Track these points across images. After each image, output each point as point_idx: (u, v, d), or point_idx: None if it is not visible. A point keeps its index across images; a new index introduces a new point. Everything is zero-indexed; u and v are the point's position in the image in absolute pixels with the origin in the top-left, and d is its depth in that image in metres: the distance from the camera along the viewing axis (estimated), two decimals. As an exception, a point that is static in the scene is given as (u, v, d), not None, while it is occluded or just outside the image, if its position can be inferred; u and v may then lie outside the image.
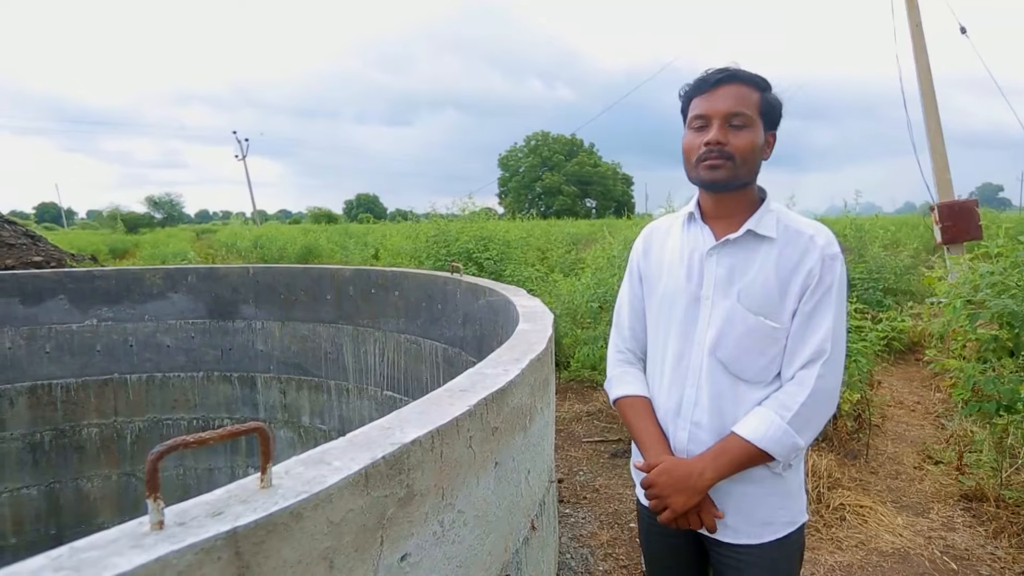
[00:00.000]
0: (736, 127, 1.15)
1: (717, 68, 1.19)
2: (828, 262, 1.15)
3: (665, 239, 1.35)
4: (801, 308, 1.16)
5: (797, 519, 1.24)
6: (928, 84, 7.86)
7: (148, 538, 0.69)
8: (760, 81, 1.19)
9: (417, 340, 3.89)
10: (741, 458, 1.15)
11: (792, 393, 1.15)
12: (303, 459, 0.91)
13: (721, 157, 1.15)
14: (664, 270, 1.30)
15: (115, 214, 33.40)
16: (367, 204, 73.95)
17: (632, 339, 1.39)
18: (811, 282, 1.15)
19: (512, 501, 1.37)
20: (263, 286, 4.46)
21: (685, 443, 1.23)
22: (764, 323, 1.17)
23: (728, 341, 1.19)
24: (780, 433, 1.12)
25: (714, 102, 1.17)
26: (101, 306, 4.34)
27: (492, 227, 7.06)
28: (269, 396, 4.55)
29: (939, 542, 2.74)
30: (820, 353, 1.14)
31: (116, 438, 4.49)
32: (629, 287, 1.41)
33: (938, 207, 7.42)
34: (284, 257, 11.37)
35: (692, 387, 1.23)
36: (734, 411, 1.19)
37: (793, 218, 1.22)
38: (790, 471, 1.21)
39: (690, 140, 1.21)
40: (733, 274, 1.20)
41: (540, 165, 56.10)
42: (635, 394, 1.33)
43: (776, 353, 1.18)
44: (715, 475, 1.15)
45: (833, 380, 1.15)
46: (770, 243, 1.18)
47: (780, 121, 1.23)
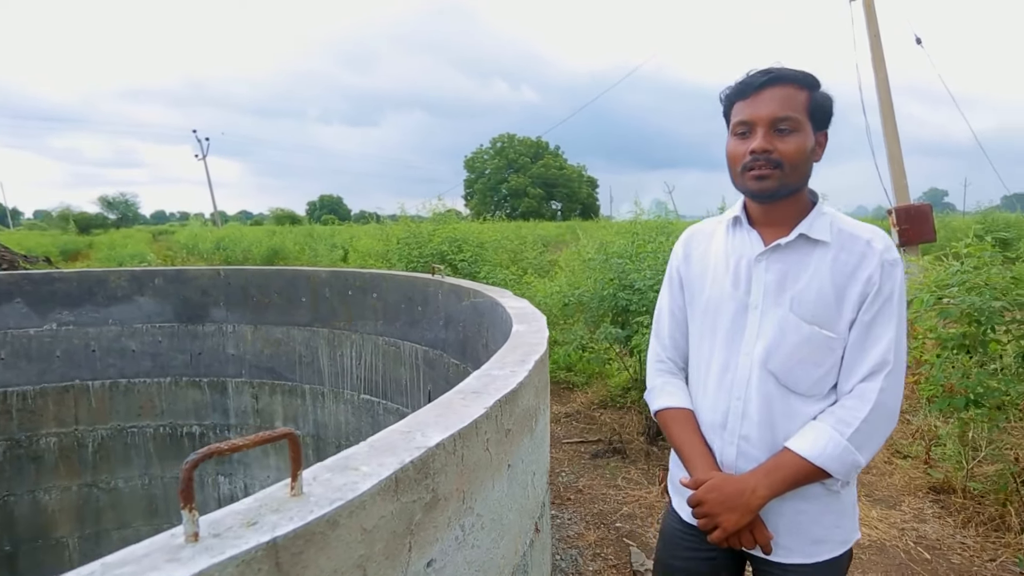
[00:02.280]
0: (783, 132, 1.09)
1: (760, 70, 1.12)
2: (888, 268, 1.09)
3: (708, 244, 1.29)
4: (860, 318, 1.09)
5: (851, 537, 1.19)
6: (885, 92, 8.16)
7: (184, 551, 0.65)
8: (807, 79, 1.11)
9: (396, 343, 3.84)
10: (796, 475, 1.09)
11: (852, 408, 1.09)
12: (328, 465, 0.87)
13: (769, 165, 1.09)
14: (708, 276, 1.25)
15: (66, 214, 32.05)
16: (331, 205, 72.89)
17: (673, 348, 1.34)
18: (870, 290, 1.09)
19: (521, 503, 1.36)
20: (234, 288, 4.34)
21: (734, 458, 1.18)
22: (819, 332, 1.10)
23: (780, 352, 1.13)
24: (840, 450, 1.07)
25: (758, 107, 1.10)
26: (61, 310, 4.16)
27: (465, 229, 7.03)
28: (241, 401, 4.42)
29: (912, 533, 2.84)
30: (882, 365, 1.08)
31: (77, 447, 4.30)
32: (669, 294, 1.35)
33: (895, 210, 7.70)
34: (249, 259, 11.09)
35: (739, 399, 1.17)
36: (786, 425, 1.14)
37: (848, 222, 1.16)
38: (846, 488, 1.17)
39: (734, 147, 1.14)
40: (785, 281, 1.14)
41: (506, 167, 56.21)
42: (678, 406, 1.28)
43: (832, 364, 1.12)
44: (768, 492, 1.10)
45: (896, 394, 1.09)
46: (824, 247, 1.12)
47: (831, 119, 1.16)
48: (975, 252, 2.88)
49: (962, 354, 2.97)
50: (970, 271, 2.82)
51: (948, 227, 12.33)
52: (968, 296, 2.70)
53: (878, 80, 8.13)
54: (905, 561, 2.62)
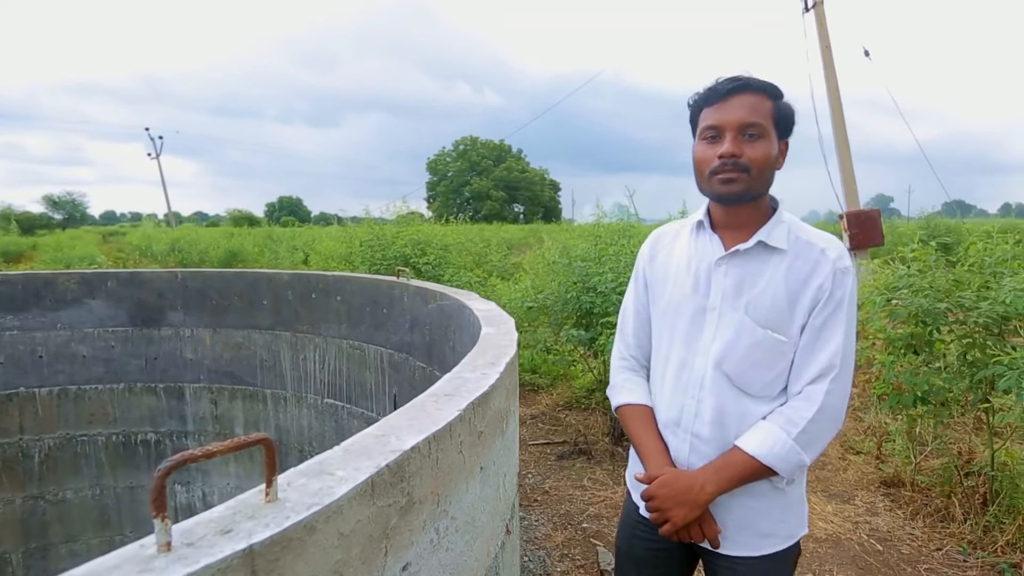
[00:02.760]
0: (751, 137, 1.12)
1: (728, 77, 1.16)
2: (840, 276, 1.13)
3: (672, 246, 1.32)
4: (811, 322, 1.13)
5: (797, 532, 1.24)
6: (837, 101, 8.47)
7: (157, 561, 0.63)
8: (772, 89, 1.15)
9: (361, 346, 3.80)
10: (744, 473, 1.13)
11: (799, 408, 1.13)
12: (302, 470, 0.86)
13: (736, 169, 1.12)
14: (670, 278, 1.28)
15: (7, 214, 30.53)
16: (290, 207, 71.45)
17: (636, 346, 1.37)
18: (822, 296, 1.12)
19: (493, 505, 1.36)
20: (192, 291, 4.22)
21: (687, 455, 1.22)
22: (772, 336, 1.14)
23: (735, 354, 1.17)
24: (786, 450, 1.11)
25: (727, 112, 1.13)
26: (4, 314, 3.97)
27: (429, 231, 6.99)
28: (199, 407, 4.30)
29: (865, 526, 2.95)
30: (829, 369, 1.12)
31: (21, 458, 4.10)
32: (634, 293, 1.38)
33: (846, 215, 8.00)
34: (206, 261, 10.78)
35: (693, 398, 1.21)
36: (737, 424, 1.18)
37: (805, 230, 1.20)
38: (792, 485, 1.21)
39: (702, 152, 1.17)
40: (742, 285, 1.17)
41: (469, 170, 56.13)
42: (637, 403, 1.31)
43: (783, 368, 1.16)
44: (717, 489, 1.14)
45: (841, 396, 1.13)
46: (781, 255, 1.16)
47: (793, 128, 1.20)
48: (920, 256, 3.02)
49: (909, 354, 3.10)
50: (916, 274, 2.96)
51: (894, 231, 12.87)
52: (915, 299, 2.82)
53: (829, 90, 8.43)
54: (859, 553, 2.72)
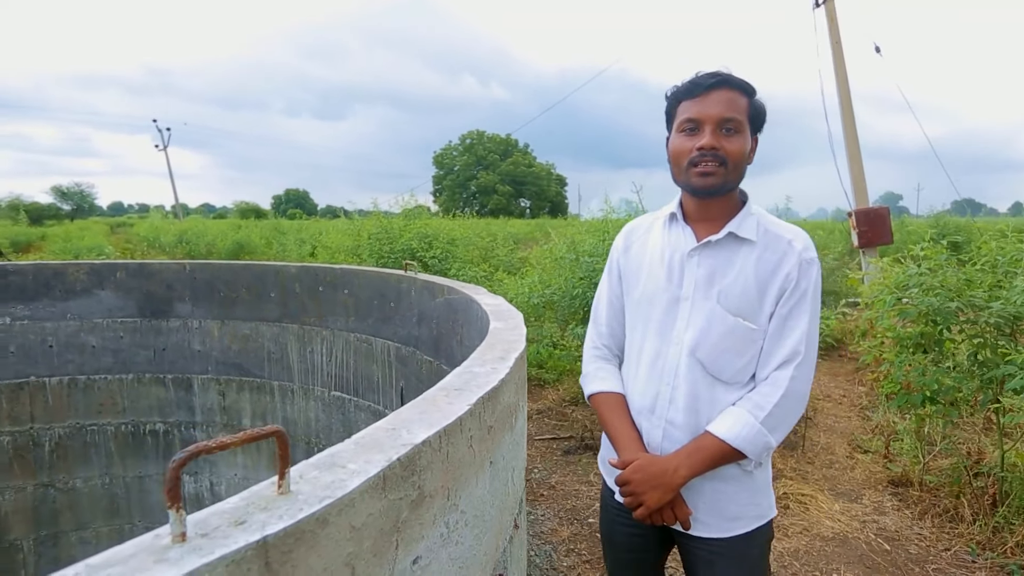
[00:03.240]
0: (729, 132, 1.17)
1: (709, 72, 1.19)
2: (805, 266, 1.18)
3: (646, 237, 1.36)
4: (778, 311, 1.19)
5: (766, 514, 1.28)
6: (847, 98, 8.40)
7: (172, 551, 0.63)
8: (749, 87, 1.20)
9: (368, 339, 3.80)
10: (715, 456, 1.17)
11: (766, 394, 1.18)
12: (314, 463, 0.86)
13: (715, 162, 1.16)
14: (644, 269, 1.32)
15: (16, 204, 30.74)
16: (297, 199, 71.62)
17: (609, 336, 1.41)
18: (788, 285, 1.18)
19: (502, 500, 1.36)
20: (201, 283, 4.24)
21: (659, 440, 1.25)
22: (742, 324, 1.19)
23: (707, 341, 1.21)
24: (753, 433, 1.15)
25: (707, 106, 1.17)
26: (15, 304, 4.00)
27: (436, 225, 6.99)
28: (207, 398, 4.32)
29: (872, 525, 2.94)
30: (794, 355, 1.17)
31: (32, 446, 4.14)
32: (608, 284, 1.42)
33: (855, 213, 7.94)
34: (213, 253, 10.82)
35: (668, 386, 1.25)
36: (709, 411, 1.22)
37: (773, 222, 1.25)
38: (759, 469, 1.25)
39: (680, 144, 1.20)
40: (714, 275, 1.22)
41: (475, 164, 56.09)
42: (610, 390, 1.35)
43: (753, 354, 1.21)
44: (689, 472, 1.18)
45: (805, 382, 1.19)
46: (750, 246, 1.21)
47: (763, 125, 1.24)
48: (931, 255, 2.99)
49: (919, 353, 3.08)
50: (926, 273, 2.93)
51: (903, 229, 12.76)
52: (926, 298, 2.80)
53: (839, 86, 8.36)
54: (866, 552, 2.71)
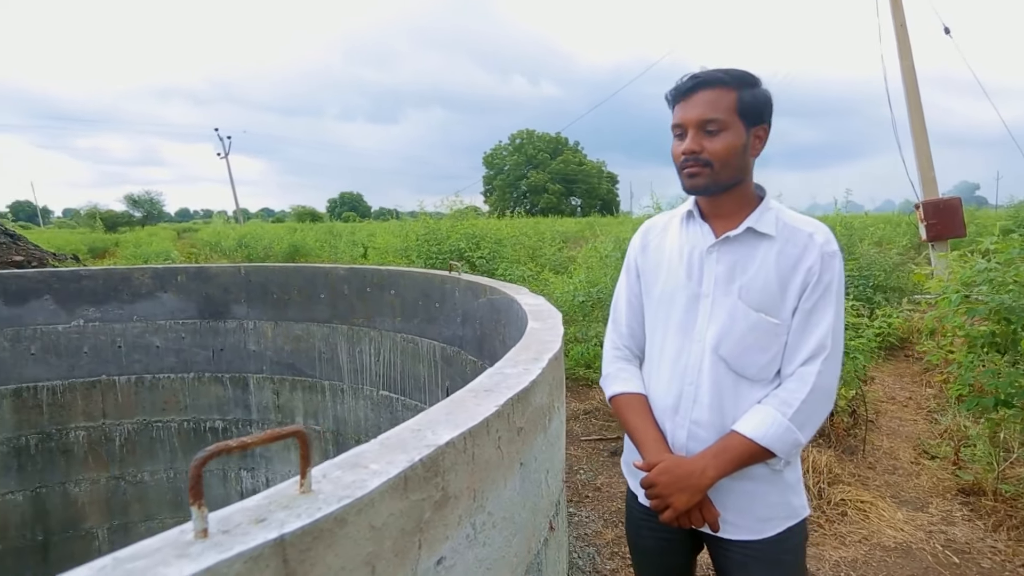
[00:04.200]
0: (711, 133, 1.15)
1: (689, 75, 1.19)
2: (827, 259, 1.16)
3: (663, 236, 1.35)
4: (801, 305, 1.17)
5: (798, 513, 1.25)
6: (912, 83, 7.97)
7: (194, 547, 0.65)
8: (732, 80, 1.16)
9: (414, 339, 3.86)
10: (743, 456, 1.15)
11: (793, 390, 1.16)
12: (338, 463, 0.88)
13: (698, 164, 1.16)
14: (663, 267, 1.31)
15: (94, 212, 32.79)
16: (351, 202, 73.52)
17: (629, 336, 1.40)
18: (811, 279, 1.16)
19: (534, 502, 1.35)
20: (255, 285, 4.40)
21: (684, 441, 1.23)
22: (765, 319, 1.18)
23: (730, 338, 1.20)
24: (782, 430, 1.13)
25: (687, 110, 1.17)
26: (88, 306, 4.25)
27: (483, 225, 7.03)
28: (262, 397, 4.48)
29: (940, 536, 2.77)
30: (820, 349, 1.15)
31: (104, 441, 4.39)
32: (627, 283, 1.41)
33: (923, 205, 7.53)
34: (270, 256, 11.24)
35: (691, 384, 1.23)
36: (734, 409, 1.20)
37: (792, 216, 1.23)
38: (788, 467, 1.23)
39: (674, 148, 1.22)
40: (734, 271, 1.21)
41: (525, 163, 56.15)
42: (632, 391, 1.33)
43: (777, 350, 1.19)
44: (716, 473, 1.15)
45: (832, 376, 1.17)
46: (770, 241, 1.19)
47: (769, 112, 1.21)
48: (1002, 248, 2.80)
49: (992, 352, 2.89)
50: (997, 268, 2.74)
51: (979, 221, 12.00)
52: (997, 295, 2.62)
53: (904, 71, 7.94)
54: (932, 564, 2.56)
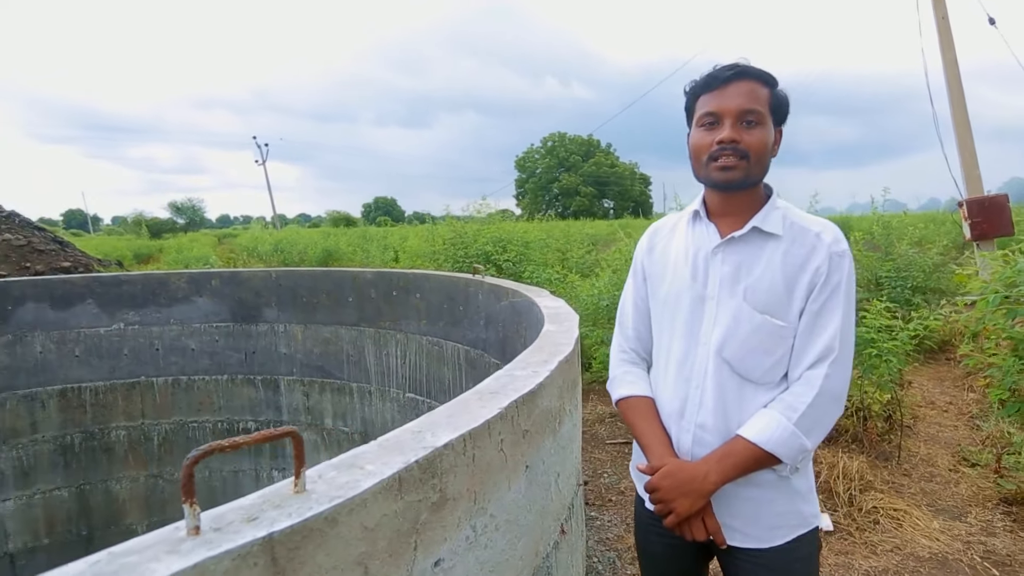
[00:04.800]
0: (749, 124, 1.14)
1: (727, 64, 1.17)
2: (836, 259, 1.13)
3: (670, 237, 1.33)
4: (808, 307, 1.14)
5: (808, 522, 1.22)
6: (955, 77, 7.68)
7: (185, 544, 0.68)
8: (769, 77, 1.17)
9: (439, 342, 3.89)
10: (747, 461, 1.13)
11: (799, 394, 1.13)
12: (335, 463, 0.89)
13: (735, 155, 1.13)
14: (669, 269, 1.29)
15: (139, 220, 34.04)
16: (385, 207, 74.49)
17: (636, 339, 1.38)
18: (818, 280, 1.13)
19: (542, 505, 1.35)
20: (285, 289, 4.50)
21: (689, 445, 1.21)
22: (770, 322, 1.15)
23: (734, 340, 1.17)
24: (787, 435, 1.10)
25: (726, 99, 1.14)
26: (128, 310, 4.41)
27: (510, 228, 7.05)
28: (292, 399, 4.58)
29: (979, 547, 2.66)
30: (828, 352, 1.12)
31: (143, 440, 4.55)
32: (633, 286, 1.40)
33: (967, 203, 7.25)
34: (305, 260, 11.48)
35: (696, 388, 1.21)
36: (739, 413, 1.18)
37: (799, 215, 1.21)
38: (797, 474, 1.19)
39: (700, 138, 1.18)
40: (739, 272, 1.18)
41: (557, 166, 56.05)
42: (638, 394, 1.32)
43: (783, 353, 1.16)
44: (720, 478, 1.13)
45: (840, 380, 1.13)
46: (776, 240, 1.17)
47: (788, 117, 1.21)
48: (1047, 246, 2.68)
49: (1037, 355, 2.76)
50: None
51: (1027, 220, 11.47)
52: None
53: (946, 64, 7.66)
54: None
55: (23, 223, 6.68)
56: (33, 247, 6.28)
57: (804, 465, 1.21)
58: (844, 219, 17.85)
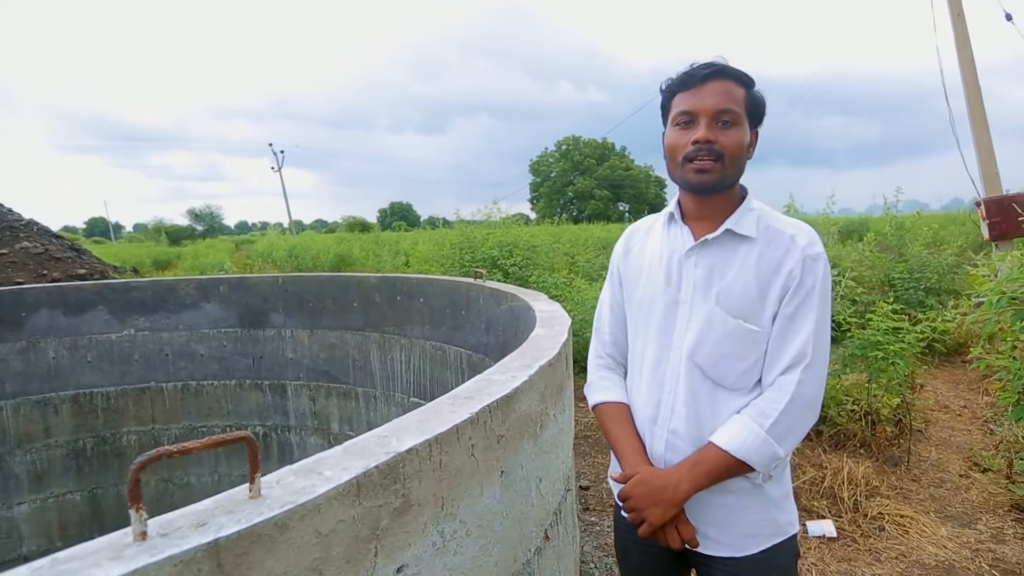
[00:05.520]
0: (725, 124, 1.12)
1: (703, 63, 1.15)
2: (809, 263, 1.11)
3: (645, 240, 1.32)
4: (782, 311, 1.12)
5: (784, 530, 1.19)
6: (971, 75, 7.55)
7: (129, 549, 0.68)
8: (746, 77, 1.15)
9: (442, 347, 3.89)
10: (719, 468, 1.11)
11: (771, 400, 1.11)
12: (295, 468, 0.90)
13: (710, 156, 1.11)
14: (643, 272, 1.28)
15: (159, 227, 34.63)
16: (401, 212, 74.86)
17: (612, 344, 1.36)
18: (791, 284, 1.11)
19: (521, 511, 1.34)
20: (292, 295, 4.54)
21: (662, 452, 1.20)
22: (743, 326, 1.13)
23: (706, 345, 1.16)
24: (758, 442, 1.08)
25: (702, 98, 1.12)
26: (138, 316, 4.47)
27: (517, 233, 7.04)
28: (299, 403, 4.61)
29: (987, 555, 2.60)
30: (801, 358, 1.10)
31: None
32: (610, 290, 1.38)
33: (984, 202, 7.10)
34: (318, 266, 11.58)
35: (669, 394, 1.20)
36: (712, 419, 1.16)
37: (775, 217, 1.19)
38: (771, 482, 1.17)
39: (675, 137, 1.16)
40: (712, 275, 1.16)
41: (571, 170, 55.95)
42: (612, 400, 1.30)
43: (756, 358, 1.14)
44: (691, 486, 1.11)
45: (814, 386, 1.11)
46: (750, 243, 1.15)
47: (764, 119, 1.19)
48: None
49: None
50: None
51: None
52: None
53: (962, 62, 7.54)
54: (977, 584, 2.41)
55: (41, 231, 6.81)
56: (50, 255, 6.40)
57: (779, 473, 1.19)
58: (863, 220, 17.60)
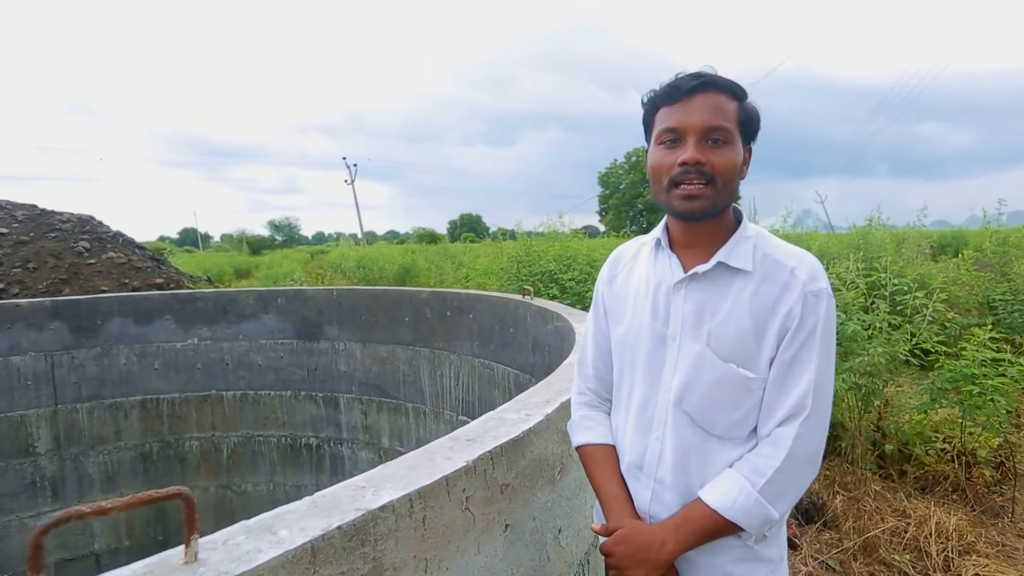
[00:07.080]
0: (716, 143, 0.99)
1: (690, 73, 1.02)
2: (811, 300, 0.98)
3: (632, 266, 1.19)
4: (780, 356, 1.00)
5: None
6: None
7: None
8: (738, 89, 1.02)
9: (490, 364, 3.79)
10: (706, 528, 1.00)
11: (766, 456, 1.00)
12: (251, 525, 0.80)
13: (700, 180, 0.98)
14: (629, 303, 1.15)
15: (242, 237, 36.66)
16: (470, 223, 75.99)
17: (596, 379, 1.23)
18: (791, 324, 0.99)
19: (531, 567, 1.20)
20: (345, 308, 4.57)
21: (647, 503, 1.08)
22: (736, 372, 1.01)
23: (696, 391, 1.03)
24: (750, 503, 0.97)
25: (689, 114, 1.00)
26: (201, 326, 4.63)
27: (576, 246, 6.87)
28: (351, 417, 4.62)
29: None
30: (800, 409, 0.98)
31: (214, 451, 4.74)
32: (594, 320, 1.25)
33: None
34: (383, 277, 11.79)
35: (656, 440, 1.08)
36: (702, 470, 1.04)
37: (773, 245, 1.05)
38: (765, 543, 1.05)
39: (659, 158, 1.03)
40: (703, 313, 1.04)
41: (641, 181, 55.03)
42: (596, 442, 1.18)
43: (752, 406, 1.02)
44: (677, 547, 1.00)
45: (813, 441, 0.99)
46: (745, 277, 1.02)
47: (758, 133, 1.06)
48: None
49: None
50: None
51: None
52: None
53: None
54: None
55: (126, 242, 7.26)
56: (132, 264, 6.78)
57: (774, 533, 1.06)
58: (959, 233, 16.38)
